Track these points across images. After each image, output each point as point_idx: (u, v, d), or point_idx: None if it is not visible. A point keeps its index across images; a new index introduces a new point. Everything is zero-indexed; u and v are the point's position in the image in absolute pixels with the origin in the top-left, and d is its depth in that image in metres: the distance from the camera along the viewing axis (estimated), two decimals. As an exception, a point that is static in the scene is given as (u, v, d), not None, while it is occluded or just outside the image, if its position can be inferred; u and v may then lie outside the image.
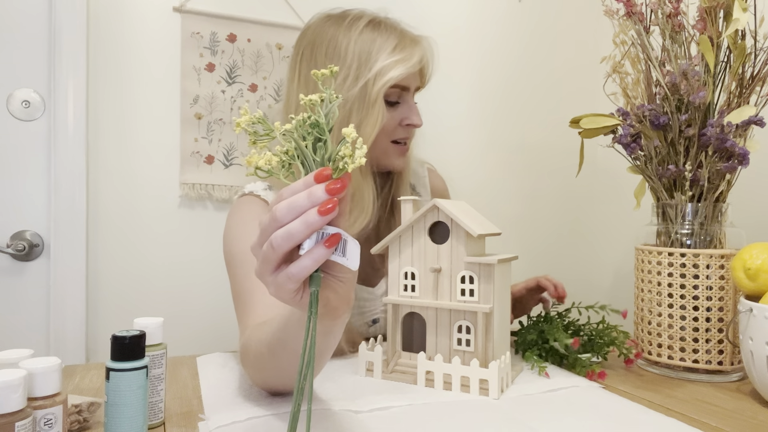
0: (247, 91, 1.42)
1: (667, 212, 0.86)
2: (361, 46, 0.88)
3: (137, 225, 1.33)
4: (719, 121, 0.80)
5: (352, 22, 0.90)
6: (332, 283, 0.49)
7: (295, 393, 0.46)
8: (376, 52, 0.88)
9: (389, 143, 0.93)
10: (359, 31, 0.89)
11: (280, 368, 0.63)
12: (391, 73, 0.87)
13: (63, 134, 1.25)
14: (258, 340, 0.66)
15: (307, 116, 0.46)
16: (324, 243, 0.45)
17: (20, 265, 1.26)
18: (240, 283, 0.83)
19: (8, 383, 0.45)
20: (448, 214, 0.73)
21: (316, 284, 0.46)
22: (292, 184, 0.46)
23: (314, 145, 0.46)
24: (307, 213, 0.44)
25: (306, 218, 0.44)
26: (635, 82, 0.90)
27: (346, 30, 0.89)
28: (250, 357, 0.69)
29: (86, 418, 0.61)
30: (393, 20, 0.94)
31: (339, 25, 0.90)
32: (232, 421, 0.61)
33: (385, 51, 0.89)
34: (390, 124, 0.91)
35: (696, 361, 0.81)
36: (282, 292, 0.46)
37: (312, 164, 0.46)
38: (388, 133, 0.92)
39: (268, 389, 0.71)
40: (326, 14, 0.94)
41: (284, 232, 0.44)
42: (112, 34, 1.31)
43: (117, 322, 1.29)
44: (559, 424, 0.62)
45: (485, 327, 0.72)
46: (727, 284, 0.80)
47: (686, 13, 0.87)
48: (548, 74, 1.71)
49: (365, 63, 0.87)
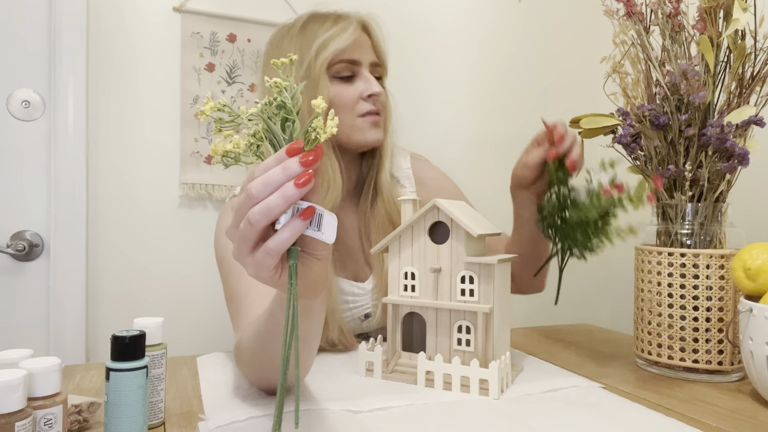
0: (247, 91, 1.42)
1: (667, 212, 0.86)
2: (300, 37, 0.92)
3: (137, 225, 1.33)
4: (719, 121, 0.80)
5: (292, 24, 0.96)
6: (308, 260, 0.49)
7: (282, 363, 0.45)
8: (313, 34, 0.92)
9: (356, 119, 0.93)
10: (298, 27, 0.94)
11: (271, 360, 0.63)
12: (330, 47, 0.90)
13: (63, 134, 1.25)
14: (248, 336, 0.67)
15: (272, 99, 0.45)
16: (299, 216, 0.45)
17: (20, 265, 1.26)
18: (233, 286, 0.84)
19: (8, 383, 0.45)
20: (448, 214, 0.73)
21: (294, 257, 0.46)
22: (264, 161, 0.46)
23: (283, 125, 0.46)
24: (284, 186, 0.44)
25: (283, 191, 0.44)
26: (635, 82, 0.90)
27: (286, 31, 0.95)
28: (243, 355, 0.69)
29: (86, 418, 0.61)
30: (331, 8, 0.97)
31: (282, 33, 0.96)
32: (232, 421, 0.61)
33: (321, 29, 0.92)
34: (349, 99, 0.92)
35: (696, 361, 0.81)
36: (261, 269, 0.46)
37: (282, 142, 0.46)
38: (351, 109, 0.92)
39: (263, 386, 0.71)
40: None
41: (261, 207, 0.44)
42: (112, 34, 1.31)
43: (117, 322, 1.29)
44: (559, 424, 0.62)
45: (485, 327, 0.72)
46: (727, 284, 0.80)
47: (686, 13, 0.87)
48: (548, 74, 1.71)
49: (306, 47, 0.91)
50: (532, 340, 1.04)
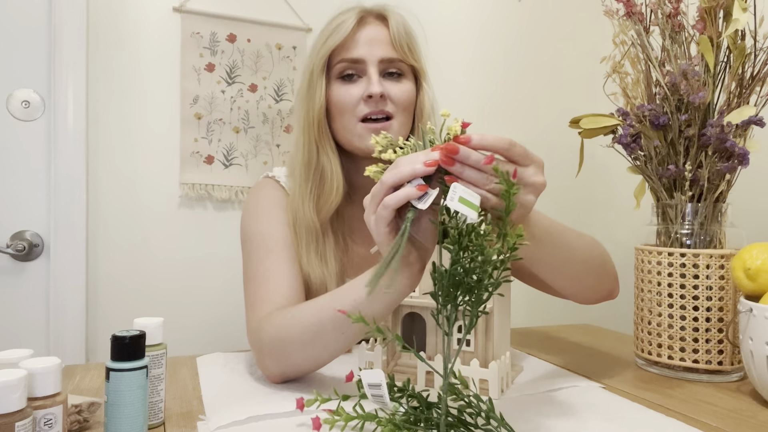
0: (246, 91, 1.42)
1: (667, 212, 0.86)
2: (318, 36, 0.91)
3: (137, 225, 1.33)
4: (719, 121, 0.80)
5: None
6: (414, 241, 0.59)
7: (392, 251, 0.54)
8: (322, 31, 0.90)
9: (358, 123, 0.87)
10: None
11: (323, 349, 0.69)
12: (326, 44, 0.88)
13: (63, 134, 1.25)
14: (287, 325, 0.70)
15: (415, 143, 0.61)
16: (415, 187, 0.55)
17: (20, 265, 1.26)
18: (254, 268, 0.84)
19: (8, 383, 0.45)
20: (448, 214, 0.73)
21: (413, 213, 0.56)
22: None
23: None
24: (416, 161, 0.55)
25: (414, 165, 0.55)
26: (635, 82, 0.90)
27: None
28: (274, 343, 0.71)
29: (86, 418, 0.61)
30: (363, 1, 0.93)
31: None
32: (232, 421, 0.61)
33: (327, 26, 0.90)
34: (349, 101, 0.87)
35: (696, 361, 0.81)
36: (380, 222, 0.57)
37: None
38: (351, 111, 0.87)
39: (281, 376, 0.74)
40: None
41: (395, 171, 0.56)
42: (112, 34, 1.31)
43: (117, 322, 1.29)
44: (559, 423, 0.62)
45: (485, 327, 0.72)
46: (727, 284, 0.80)
47: (686, 13, 0.87)
48: (548, 74, 1.71)
49: (313, 46, 0.91)
50: (532, 340, 1.04)
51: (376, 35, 0.88)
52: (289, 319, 0.72)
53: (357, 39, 0.88)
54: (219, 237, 1.39)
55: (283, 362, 0.72)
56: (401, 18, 0.91)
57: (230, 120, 1.40)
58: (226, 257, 1.36)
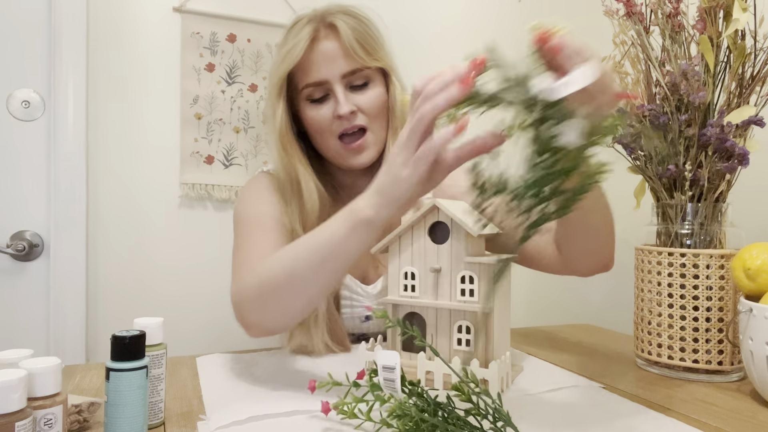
0: (247, 91, 1.42)
1: (667, 212, 0.86)
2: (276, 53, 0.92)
3: (137, 225, 1.33)
4: (719, 121, 0.80)
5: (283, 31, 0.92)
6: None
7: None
8: (277, 52, 0.89)
9: (337, 142, 0.88)
10: (281, 40, 0.90)
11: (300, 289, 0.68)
12: (281, 68, 0.87)
13: (63, 134, 1.25)
14: (266, 268, 0.71)
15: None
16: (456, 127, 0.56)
17: (20, 265, 1.26)
18: (244, 238, 0.86)
19: (8, 383, 0.45)
20: (448, 214, 0.73)
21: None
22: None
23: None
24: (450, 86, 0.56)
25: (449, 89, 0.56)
26: (635, 82, 0.90)
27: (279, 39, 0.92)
28: (253, 289, 0.72)
29: (86, 418, 0.61)
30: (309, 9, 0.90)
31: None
32: (232, 421, 0.61)
33: (282, 48, 0.88)
34: (323, 122, 0.88)
35: (696, 361, 0.81)
36: (419, 164, 0.57)
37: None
38: (327, 130, 0.88)
39: (259, 327, 0.74)
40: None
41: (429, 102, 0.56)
42: (112, 35, 1.31)
43: (117, 322, 1.29)
44: (559, 423, 0.62)
45: (485, 327, 0.72)
46: (727, 284, 0.80)
47: (686, 13, 0.87)
48: (548, 74, 1.70)
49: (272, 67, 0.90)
50: (532, 340, 1.04)
51: (331, 50, 0.86)
52: (269, 262, 0.72)
53: (314, 59, 0.86)
54: (219, 237, 1.39)
55: (261, 307, 0.72)
56: (351, 22, 0.87)
57: (230, 120, 1.40)
58: (226, 257, 1.36)
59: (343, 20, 0.86)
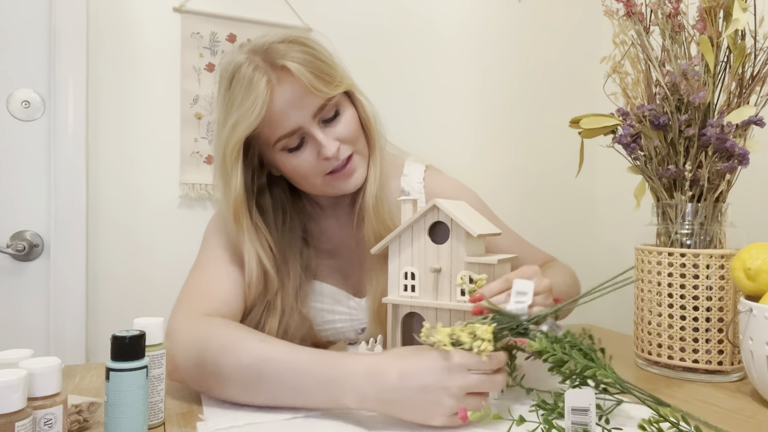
0: (247, 91, 1.42)
1: (667, 212, 0.86)
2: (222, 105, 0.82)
3: (137, 225, 1.33)
4: (719, 121, 0.80)
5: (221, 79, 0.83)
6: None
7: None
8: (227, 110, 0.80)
9: (324, 177, 0.84)
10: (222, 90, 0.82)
11: (260, 402, 0.66)
12: (238, 130, 0.78)
13: (63, 134, 1.25)
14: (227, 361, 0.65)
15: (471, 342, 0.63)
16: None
17: (20, 265, 1.26)
18: (205, 261, 0.87)
19: (8, 383, 0.45)
20: (448, 214, 0.73)
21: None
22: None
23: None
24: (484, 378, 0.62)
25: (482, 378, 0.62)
26: (635, 82, 0.90)
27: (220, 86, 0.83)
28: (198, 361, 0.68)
29: (86, 418, 0.61)
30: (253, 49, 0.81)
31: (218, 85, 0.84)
32: (231, 425, 0.61)
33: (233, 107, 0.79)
34: (308, 166, 0.83)
35: (696, 361, 0.81)
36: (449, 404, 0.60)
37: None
38: (313, 173, 0.84)
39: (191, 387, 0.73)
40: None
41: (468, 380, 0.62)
42: (112, 35, 1.31)
43: (117, 322, 1.29)
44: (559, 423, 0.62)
45: (485, 327, 0.72)
46: (727, 284, 0.80)
47: (686, 13, 0.87)
48: (548, 74, 1.71)
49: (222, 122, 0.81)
50: (532, 340, 1.04)
51: (293, 95, 0.79)
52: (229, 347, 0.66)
53: (278, 110, 0.79)
54: (219, 237, 1.38)
55: (196, 380, 0.69)
56: (299, 56, 0.79)
57: (230, 120, 1.40)
58: (226, 257, 1.36)
59: (292, 58, 0.78)
